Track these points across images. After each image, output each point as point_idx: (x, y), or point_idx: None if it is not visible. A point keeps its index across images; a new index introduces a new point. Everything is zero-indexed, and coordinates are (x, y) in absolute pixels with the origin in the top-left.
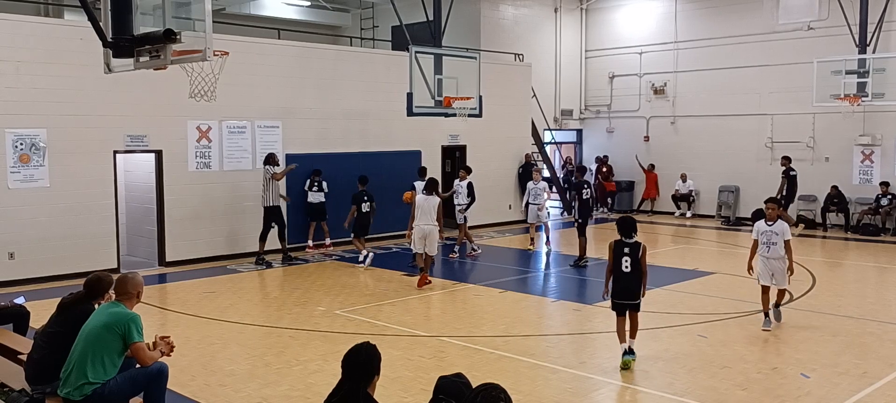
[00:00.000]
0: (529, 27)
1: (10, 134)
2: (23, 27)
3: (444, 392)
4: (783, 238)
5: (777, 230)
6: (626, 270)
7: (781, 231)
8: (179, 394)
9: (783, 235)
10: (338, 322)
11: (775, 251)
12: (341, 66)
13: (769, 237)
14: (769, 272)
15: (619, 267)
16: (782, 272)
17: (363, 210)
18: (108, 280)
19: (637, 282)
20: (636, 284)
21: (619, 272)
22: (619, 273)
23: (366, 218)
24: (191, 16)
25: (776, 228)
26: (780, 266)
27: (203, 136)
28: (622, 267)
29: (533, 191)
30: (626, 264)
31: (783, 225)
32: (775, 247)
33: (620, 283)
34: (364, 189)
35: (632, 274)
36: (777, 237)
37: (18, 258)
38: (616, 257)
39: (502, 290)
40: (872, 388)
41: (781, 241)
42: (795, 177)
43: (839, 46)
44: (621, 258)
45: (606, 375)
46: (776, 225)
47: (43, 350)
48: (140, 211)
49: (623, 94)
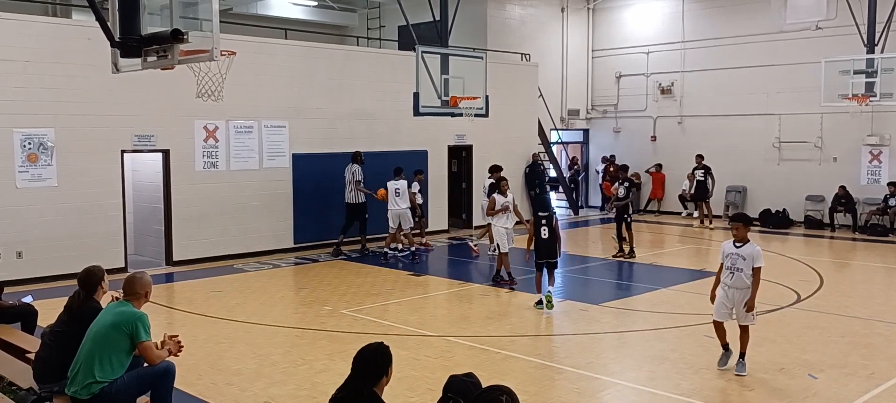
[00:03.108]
0: (536, 27)
1: (18, 133)
2: (31, 27)
3: (452, 390)
4: (752, 264)
5: (745, 254)
6: (544, 237)
7: (751, 255)
8: (186, 393)
9: (752, 261)
10: (344, 321)
11: (739, 279)
12: (348, 66)
13: (734, 261)
14: (729, 305)
15: (539, 234)
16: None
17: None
18: (99, 271)
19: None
20: (553, 247)
21: (539, 239)
22: (539, 239)
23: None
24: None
25: (744, 251)
26: (744, 298)
27: (210, 136)
28: (541, 235)
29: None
30: (544, 232)
31: (753, 249)
32: (740, 275)
33: (541, 247)
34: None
35: (549, 239)
36: (744, 263)
37: (26, 257)
38: (536, 227)
39: (509, 290)
40: (880, 389)
41: (749, 268)
42: (704, 179)
43: (847, 46)
44: (540, 227)
45: (613, 376)
46: (745, 247)
47: (50, 348)
48: (147, 211)
49: (630, 94)
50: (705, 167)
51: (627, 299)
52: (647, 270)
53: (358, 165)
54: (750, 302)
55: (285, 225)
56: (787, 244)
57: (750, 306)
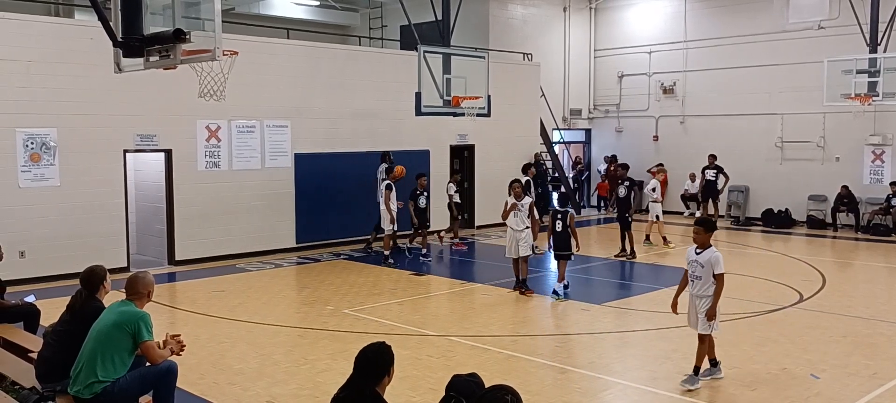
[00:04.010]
0: (538, 26)
1: (20, 133)
2: (33, 27)
3: (455, 390)
4: (712, 271)
5: (703, 260)
6: (559, 230)
7: (708, 262)
8: (189, 393)
9: (712, 267)
10: (346, 321)
11: (699, 287)
12: (350, 66)
13: (694, 269)
14: (694, 314)
15: (555, 228)
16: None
17: (420, 205)
18: (101, 271)
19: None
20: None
21: (555, 232)
22: (555, 233)
23: (423, 214)
24: (200, 16)
25: (702, 258)
26: (706, 306)
27: (212, 136)
28: (556, 228)
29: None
30: (559, 226)
31: (711, 256)
32: (699, 283)
33: (556, 241)
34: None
35: (563, 233)
36: (702, 270)
37: (29, 256)
38: (552, 221)
39: (511, 290)
40: (883, 389)
41: (709, 276)
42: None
43: (850, 45)
44: (556, 222)
45: (615, 375)
46: (703, 254)
47: (53, 348)
48: (150, 211)
49: (632, 94)
50: (718, 167)
51: (629, 299)
52: (649, 270)
53: (385, 164)
54: (710, 310)
55: (287, 224)
56: (790, 244)
57: (709, 314)
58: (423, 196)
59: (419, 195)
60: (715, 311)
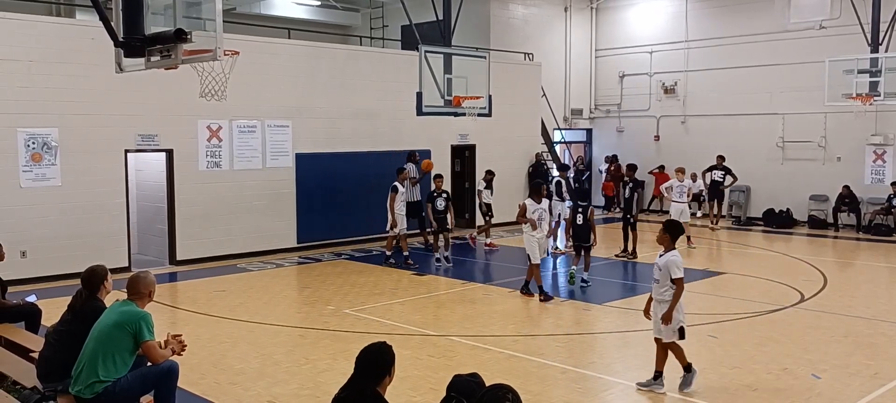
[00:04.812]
0: (539, 26)
1: (21, 133)
2: (35, 27)
3: (456, 389)
4: (668, 275)
5: (661, 264)
6: (580, 223)
7: (665, 266)
8: (190, 392)
9: (668, 271)
10: (347, 321)
11: (658, 291)
12: (351, 66)
13: (654, 272)
14: (656, 318)
15: (575, 221)
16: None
17: (438, 207)
18: (102, 270)
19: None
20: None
21: (576, 225)
22: (576, 225)
23: (442, 216)
24: (201, 15)
25: (661, 261)
26: (663, 310)
27: (213, 136)
28: (577, 221)
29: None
30: (579, 219)
31: (669, 259)
32: (657, 286)
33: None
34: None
35: (584, 225)
36: (660, 273)
37: (30, 256)
38: (573, 214)
39: (512, 290)
40: (884, 389)
41: (666, 279)
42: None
43: (851, 45)
44: (577, 215)
45: (616, 375)
46: (663, 257)
47: (54, 348)
48: (151, 210)
49: (633, 94)
50: (725, 168)
51: (630, 299)
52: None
53: (413, 164)
54: (665, 313)
55: (288, 224)
56: (791, 244)
57: (665, 318)
58: (441, 197)
59: (437, 197)
60: (671, 316)
